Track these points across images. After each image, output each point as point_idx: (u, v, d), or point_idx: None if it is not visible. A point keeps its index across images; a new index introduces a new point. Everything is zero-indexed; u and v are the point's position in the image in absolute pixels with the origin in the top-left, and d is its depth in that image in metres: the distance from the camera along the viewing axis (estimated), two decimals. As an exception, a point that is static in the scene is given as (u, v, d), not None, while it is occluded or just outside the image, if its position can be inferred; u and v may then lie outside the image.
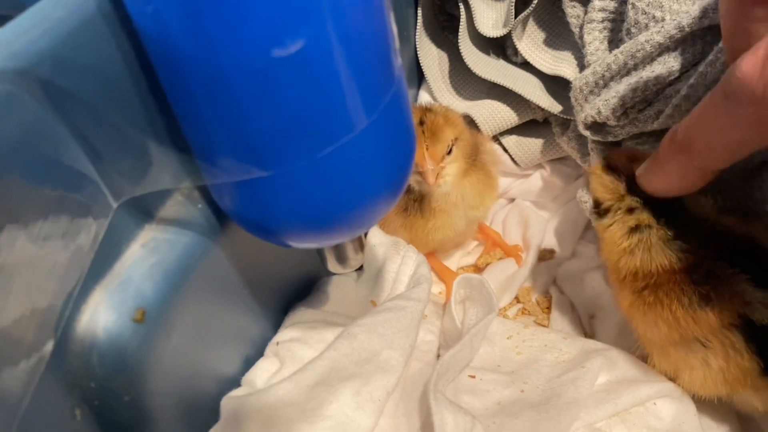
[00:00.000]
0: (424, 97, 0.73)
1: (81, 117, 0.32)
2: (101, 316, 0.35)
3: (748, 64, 0.31)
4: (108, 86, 0.32)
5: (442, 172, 0.58)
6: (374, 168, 0.37)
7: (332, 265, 0.44)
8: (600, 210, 0.50)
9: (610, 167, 0.50)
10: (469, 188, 0.61)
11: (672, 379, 0.51)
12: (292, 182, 0.34)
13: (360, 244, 0.44)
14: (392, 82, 0.35)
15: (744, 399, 0.47)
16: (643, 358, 0.53)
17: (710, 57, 0.50)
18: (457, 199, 0.61)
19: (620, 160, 0.50)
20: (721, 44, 0.48)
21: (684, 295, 0.44)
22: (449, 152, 0.58)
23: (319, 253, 0.43)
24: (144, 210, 0.39)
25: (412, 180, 0.60)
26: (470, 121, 0.71)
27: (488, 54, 0.70)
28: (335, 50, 0.31)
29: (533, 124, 0.71)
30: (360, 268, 0.60)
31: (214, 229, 0.41)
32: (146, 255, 0.38)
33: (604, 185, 0.49)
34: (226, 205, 0.38)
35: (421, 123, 0.57)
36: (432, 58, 0.72)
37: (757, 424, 0.51)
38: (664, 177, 0.42)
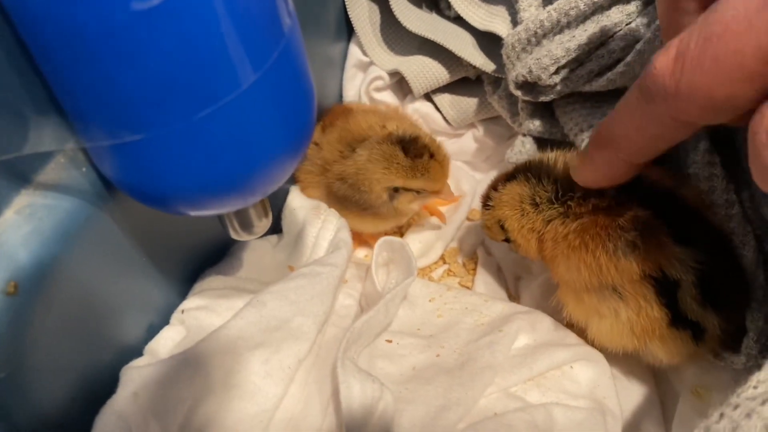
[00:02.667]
0: (354, 52, 0.70)
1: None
2: (-33, 289, 0.33)
3: (661, 62, 0.30)
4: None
5: None
6: (266, 128, 0.34)
7: (234, 232, 0.42)
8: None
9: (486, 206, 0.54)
10: None
11: (582, 330, 0.51)
12: (169, 146, 0.32)
13: (264, 209, 0.42)
14: (281, 35, 0.33)
15: (651, 351, 0.47)
16: (562, 320, 0.53)
17: (648, 35, 0.49)
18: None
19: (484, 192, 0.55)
20: (658, 21, 0.47)
21: (609, 241, 0.44)
22: None
23: (220, 219, 0.41)
24: (20, 174, 0.36)
25: (413, 204, 0.59)
26: (400, 79, 0.68)
27: (420, 7, 0.68)
28: (206, 3, 0.28)
29: (466, 82, 0.69)
30: (279, 232, 0.59)
31: (100, 194, 0.39)
32: (21, 222, 0.35)
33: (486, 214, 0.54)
34: (105, 171, 0.35)
35: (432, 156, 0.56)
36: (362, 10, 0.68)
37: (671, 384, 0.52)
38: (592, 170, 0.42)
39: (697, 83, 0.29)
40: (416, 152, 0.55)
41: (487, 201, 0.54)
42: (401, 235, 0.67)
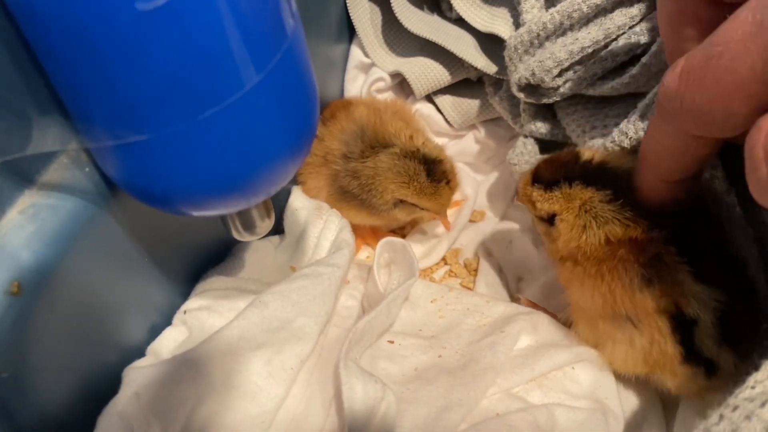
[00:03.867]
0: (355, 53, 0.70)
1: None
2: (-29, 288, 0.33)
3: (669, 79, 0.32)
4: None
5: None
6: (269, 129, 0.34)
7: (237, 232, 0.42)
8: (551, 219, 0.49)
9: (538, 181, 0.49)
10: None
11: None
12: (172, 146, 0.32)
13: (267, 210, 0.42)
14: (285, 37, 0.33)
15: (659, 380, 0.47)
16: (566, 323, 0.53)
17: (654, 48, 0.49)
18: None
19: (547, 170, 0.49)
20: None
21: (626, 275, 0.44)
22: None
23: (222, 220, 0.41)
24: (23, 174, 0.36)
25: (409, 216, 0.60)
26: (402, 80, 0.68)
27: (422, 9, 0.68)
28: (210, 3, 0.28)
29: (467, 83, 0.69)
30: (281, 233, 0.59)
31: (103, 195, 0.39)
32: (24, 223, 0.35)
33: (547, 198, 0.48)
34: (109, 171, 0.36)
35: (448, 182, 0.58)
36: (363, 12, 0.68)
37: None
38: (645, 194, 0.43)
39: (698, 100, 0.31)
40: (438, 177, 0.57)
41: (553, 185, 0.48)
42: (403, 236, 0.68)
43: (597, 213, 0.45)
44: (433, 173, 0.56)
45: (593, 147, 0.52)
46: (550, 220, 0.48)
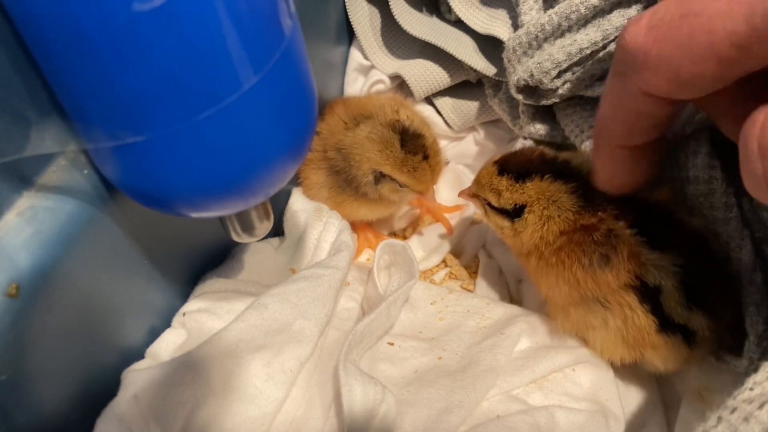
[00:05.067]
0: (355, 55, 0.70)
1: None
2: (-31, 291, 0.33)
3: (632, 32, 0.31)
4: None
5: None
6: (267, 130, 0.34)
7: (236, 234, 0.42)
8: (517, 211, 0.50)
9: (503, 172, 0.50)
10: None
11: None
12: (171, 147, 0.32)
13: (266, 212, 0.42)
14: (282, 38, 0.33)
15: (647, 360, 0.48)
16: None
17: None
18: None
19: (517, 162, 0.51)
20: None
21: (584, 255, 0.45)
22: None
23: (221, 221, 0.41)
24: (21, 176, 0.36)
25: (395, 195, 0.59)
26: (401, 82, 0.68)
27: (421, 11, 0.68)
28: (207, 4, 0.28)
29: (466, 85, 0.69)
30: (281, 235, 0.59)
31: (102, 197, 0.39)
32: (22, 225, 0.35)
33: (517, 188, 0.49)
34: (107, 173, 0.35)
35: (426, 158, 0.56)
36: (363, 14, 0.68)
37: (674, 386, 0.51)
38: (603, 169, 0.42)
39: (667, 56, 0.29)
40: (412, 148, 0.55)
41: (524, 177, 0.49)
42: (404, 238, 0.67)
43: (560, 205, 0.47)
44: (408, 144, 0.55)
45: (591, 146, 0.52)
46: (515, 212, 0.50)
